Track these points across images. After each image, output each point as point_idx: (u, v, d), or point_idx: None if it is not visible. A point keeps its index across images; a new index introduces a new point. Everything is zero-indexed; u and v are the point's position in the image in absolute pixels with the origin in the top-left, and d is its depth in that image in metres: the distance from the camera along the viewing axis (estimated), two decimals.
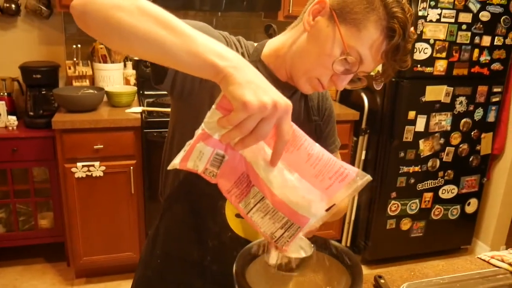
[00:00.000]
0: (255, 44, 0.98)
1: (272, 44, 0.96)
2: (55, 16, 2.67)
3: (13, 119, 2.45)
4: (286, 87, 0.96)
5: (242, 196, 0.67)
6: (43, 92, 2.50)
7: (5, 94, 2.58)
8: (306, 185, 0.64)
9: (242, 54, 0.94)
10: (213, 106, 0.61)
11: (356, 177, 0.62)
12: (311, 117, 1.03)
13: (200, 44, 0.61)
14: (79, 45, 2.65)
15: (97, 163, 2.29)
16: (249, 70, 0.60)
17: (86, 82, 2.66)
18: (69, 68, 2.64)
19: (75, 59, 2.65)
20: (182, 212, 1.02)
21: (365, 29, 0.82)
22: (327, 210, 0.63)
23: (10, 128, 2.44)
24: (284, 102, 0.58)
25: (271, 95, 0.58)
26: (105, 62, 2.63)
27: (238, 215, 0.97)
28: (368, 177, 0.63)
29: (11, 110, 2.56)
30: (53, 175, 2.46)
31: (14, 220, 2.56)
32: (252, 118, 0.57)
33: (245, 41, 0.98)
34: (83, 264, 2.48)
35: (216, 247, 0.99)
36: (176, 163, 0.65)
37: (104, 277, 2.56)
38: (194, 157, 0.64)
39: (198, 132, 0.63)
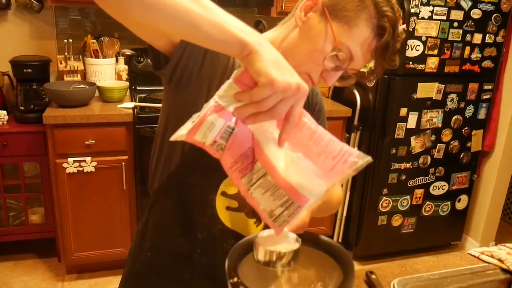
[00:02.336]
0: None
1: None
2: (46, 10, 2.65)
3: (3, 113, 2.43)
4: None
5: (246, 171, 0.67)
6: (34, 87, 2.47)
7: None
8: (309, 164, 0.64)
9: None
10: (230, 80, 0.62)
11: (357, 159, 0.63)
12: None
13: (226, 19, 0.61)
14: (70, 40, 2.62)
15: (88, 159, 2.27)
16: (273, 50, 0.62)
17: (78, 77, 2.64)
18: (61, 63, 2.62)
19: (66, 53, 2.62)
20: (171, 205, 1.02)
21: (356, 26, 0.83)
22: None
23: (0, 122, 2.41)
24: (304, 86, 0.60)
25: (295, 77, 0.59)
26: (97, 57, 2.61)
27: (228, 208, 0.98)
28: (368, 158, 0.63)
29: (2, 104, 2.54)
30: (44, 170, 2.44)
31: (4, 215, 2.53)
32: (274, 96, 0.58)
33: None
34: (74, 260, 2.47)
35: (205, 240, 1.00)
36: (183, 133, 0.64)
37: (95, 273, 2.55)
38: (204, 128, 0.64)
39: (210, 104, 0.63)
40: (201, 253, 1.01)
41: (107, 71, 2.65)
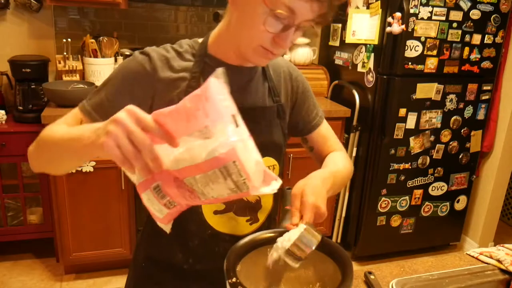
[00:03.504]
0: (200, 39, 0.98)
1: (214, 34, 0.96)
2: (45, 10, 2.64)
3: (1, 113, 2.43)
4: (243, 72, 0.97)
5: (193, 193, 0.68)
6: (32, 87, 2.47)
7: None
8: (197, 134, 0.64)
9: (182, 54, 0.95)
10: None
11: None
12: (272, 98, 1.02)
13: (76, 132, 0.74)
14: (69, 39, 2.62)
15: None
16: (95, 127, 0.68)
17: (76, 77, 2.64)
18: (59, 63, 2.61)
19: (65, 53, 2.62)
20: None
21: None
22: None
23: None
24: (121, 113, 0.63)
25: (108, 123, 0.64)
26: (95, 56, 2.60)
27: (216, 212, 0.98)
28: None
29: (0, 104, 2.53)
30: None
31: (2, 215, 2.53)
32: (119, 148, 0.62)
33: (188, 41, 0.98)
34: (72, 260, 2.46)
35: (196, 247, 1.00)
36: (162, 225, 0.74)
37: (94, 273, 2.54)
38: (152, 208, 0.71)
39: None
40: (194, 262, 1.01)
41: (106, 71, 2.65)
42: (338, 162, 1.06)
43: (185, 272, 1.01)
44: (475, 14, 2.53)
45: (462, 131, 2.78)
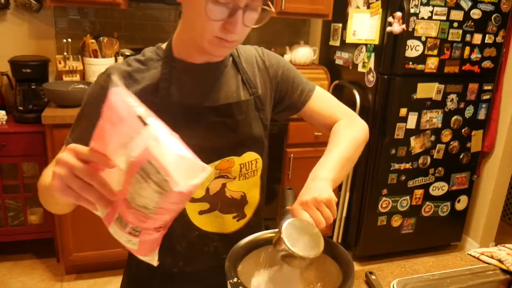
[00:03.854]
0: (163, 44, 0.96)
1: (175, 37, 0.95)
2: (45, 10, 2.64)
3: (2, 113, 2.42)
4: (211, 69, 0.95)
5: (139, 211, 0.66)
6: (32, 87, 2.47)
7: None
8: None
9: (145, 62, 0.93)
10: None
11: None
12: (248, 90, 1.00)
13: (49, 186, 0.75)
14: (69, 40, 2.62)
15: None
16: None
17: (77, 77, 2.64)
18: (59, 63, 2.61)
19: (65, 53, 2.62)
20: None
21: None
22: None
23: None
24: (62, 153, 0.65)
25: (53, 165, 0.67)
26: (95, 56, 2.60)
27: (201, 212, 0.97)
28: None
29: (0, 104, 2.54)
30: (43, 170, 2.43)
31: (3, 215, 2.53)
32: (69, 187, 0.63)
33: (151, 48, 0.96)
34: (73, 260, 2.46)
35: (184, 249, 0.99)
36: (144, 258, 0.75)
37: (95, 273, 2.54)
38: (122, 241, 0.72)
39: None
40: (184, 264, 1.00)
41: None
42: (340, 140, 1.00)
43: (175, 275, 1.01)
44: (476, 14, 2.53)
45: (463, 131, 2.78)
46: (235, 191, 0.99)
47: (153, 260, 0.76)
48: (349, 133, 1.03)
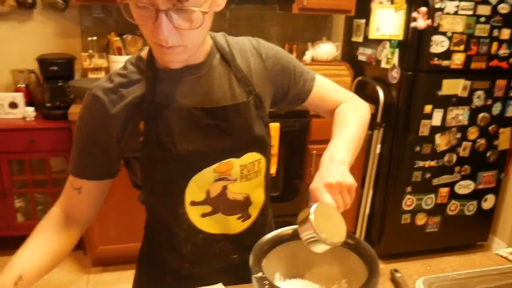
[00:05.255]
0: (142, 53, 0.94)
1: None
2: (70, 9, 2.69)
3: (30, 110, 2.49)
4: (191, 72, 0.91)
5: None
6: (59, 84, 2.52)
7: (23, 86, 2.62)
8: None
9: (127, 75, 0.91)
10: None
11: None
12: (244, 89, 0.95)
13: None
14: (94, 38, 2.66)
15: None
16: None
17: (102, 74, 2.68)
18: (85, 60, 2.66)
19: (90, 51, 2.67)
20: (153, 222, 1.04)
21: None
22: None
23: (28, 119, 2.47)
24: None
25: None
26: (120, 54, 2.64)
27: (204, 214, 0.96)
28: None
29: (29, 101, 2.60)
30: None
31: (32, 209, 2.60)
32: None
33: (132, 58, 0.94)
34: (99, 253, 2.51)
35: (190, 252, 0.99)
36: None
37: (120, 266, 2.59)
38: None
39: None
40: (190, 266, 1.01)
41: None
42: (346, 122, 1.00)
43: (184, 276, 1.01)
44: (504, 8, 2.46)
45: (490, 128, 2.71)
46: (237, 192, 0.97)
47: None
48: (355, 115, 1.03)
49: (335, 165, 0.85)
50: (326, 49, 2.95)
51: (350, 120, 1.01)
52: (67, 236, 0.94)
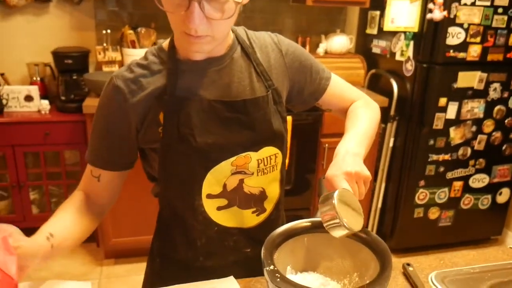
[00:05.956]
0: (164, 43, 0.94)
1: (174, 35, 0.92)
2: (85, 2, 2.71)
3: (45, 103, 2.52)
4: (213, 64, 0.92)
5: None
6: (74, 77, 2.55)
7: (38, 79, 2.65)
8: None
9: (148, 66, 0.91)
10: None
11: None
12: (263, 83, 0.96)
13: None
14: (108, 31, 2.68)
15: None
16: None
17: (116, 67, 2.70)
18: (99, 54, 2.68)
19: (105, 44, 2.68)
20: (168, 215, 1.04)
21: None
22: None
23: (43, 112, 2.50)
24: None
25: None
26: (134, 47, 2.65)
27: (219, 208, 0.96)
28: None
29: (44, 94, 2.63)
30: (84, 158, 2.52)
31: (46, 201, 2.64)
32: None
33: (153, 49, 0.94)
34: (112, 245, 2.54)
35: (204, 245, 0.99)
36: None
37: (133, 258, 2.62)
38: None
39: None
40: (204, 259, 1.01)
41: None
42: (360, 118, 1.01)
43: (197, 270, 1.01)
44: None
45: (506, 121, 2.67)
46: (253, 186, 0.97)
47: None
48: (367, 113, 1.04)
49: (351, 157, 0.86)
50: (340, 42, 2.93)
51: (364, 117, 1.02)
52: (90, 216, 0.97)
